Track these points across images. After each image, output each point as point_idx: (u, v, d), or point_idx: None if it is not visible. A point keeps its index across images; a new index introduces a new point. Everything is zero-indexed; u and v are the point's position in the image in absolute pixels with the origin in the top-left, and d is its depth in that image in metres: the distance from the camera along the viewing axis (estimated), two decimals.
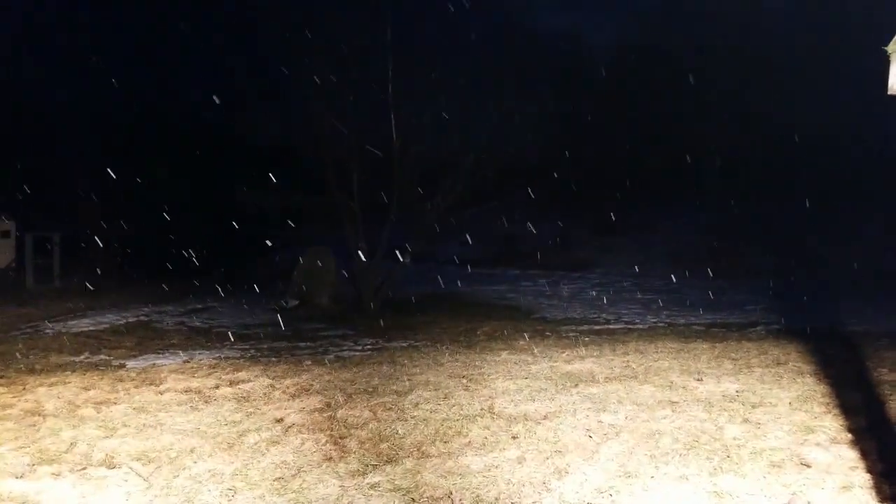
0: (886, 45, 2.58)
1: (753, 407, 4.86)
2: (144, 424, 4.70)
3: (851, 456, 3.87)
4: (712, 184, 22.03)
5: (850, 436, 4.20)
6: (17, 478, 3.80)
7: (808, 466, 3.74)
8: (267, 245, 17.02)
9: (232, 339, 8.53)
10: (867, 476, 3.58)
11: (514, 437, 4.36)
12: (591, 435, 4.36)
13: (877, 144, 18.44)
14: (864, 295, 11.74)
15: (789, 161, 19.65)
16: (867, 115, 15.51)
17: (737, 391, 5.31)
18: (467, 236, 18.61)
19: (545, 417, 4.74)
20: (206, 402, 5.28)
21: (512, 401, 5.17)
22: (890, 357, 6.52)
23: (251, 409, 5.05)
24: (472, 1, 11.95)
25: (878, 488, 3.42)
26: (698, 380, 5.72)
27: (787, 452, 3.95)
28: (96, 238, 16.11)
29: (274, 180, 12.77)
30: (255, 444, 4.30)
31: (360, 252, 11.84)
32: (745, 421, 4.55)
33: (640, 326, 9.58)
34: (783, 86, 19.54)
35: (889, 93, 2.60)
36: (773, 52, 19.91)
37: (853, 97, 14.57)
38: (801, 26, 19.78)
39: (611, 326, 9.69)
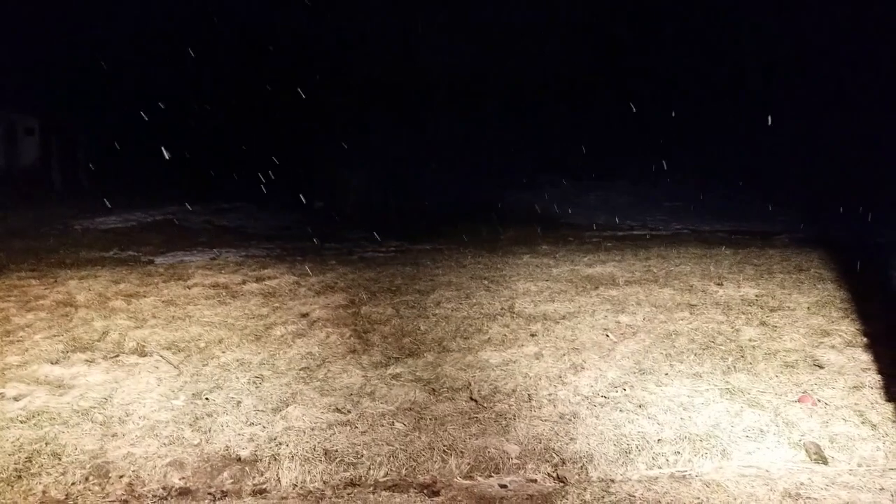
0: None
1: (772, 311, 4.90)
2: (174, 316, 4.89)
3: (864, 358, 3.92)
4: (750, 102, 21.24)
5: (865, 339, 4.24)
6: (52, 363, 4.01)
7: (821, 367, 3.81)
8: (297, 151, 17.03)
9: (258, 238, 8.70)
10: (878, 377, 3.65)
11: (532, 335, 4.47)
12: (609, 334, 4.46)
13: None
14: (888, 206, 11.52)
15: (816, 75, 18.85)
16: None
17: (756, 295, 5.34)
18: (489, 144, 18.34)
19: (564, 317, 4.84)
20: (233, 296, 5.45)
21: (532, 301, 5.26)
22: None
23: (277, 304, 5.21)
24: None
25: (887, 388, 3.50)
26: (718, 284, 5.74)
27: (801, 354, 4.02)
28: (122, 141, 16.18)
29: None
30: (282, 336, 4.48)
31: (385, 158, 11.82)
32: (763, 324, 4.60)
33: (664, 233, 9.56)
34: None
35: None
36: None
37: None
38: None
39: (635, 232, 9.68)
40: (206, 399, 3.51)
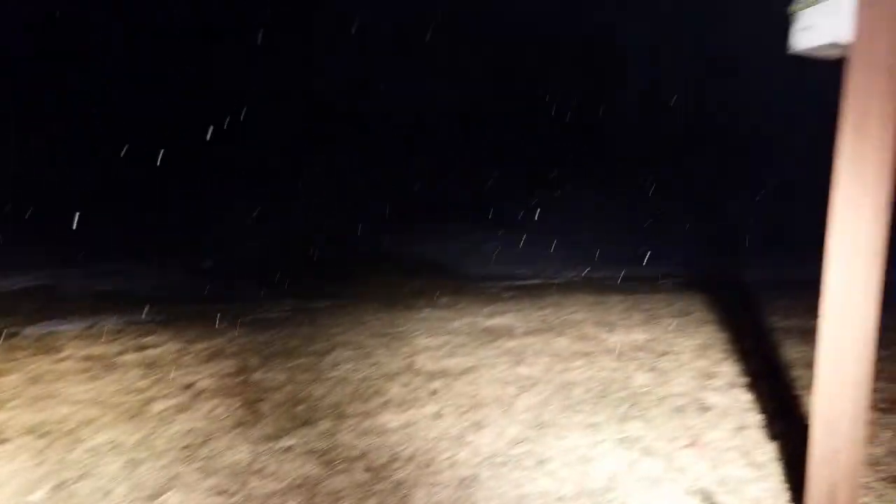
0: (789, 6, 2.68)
1: (660, 356, 5.07)
2: (38, 396, 4.46)
3: (746, 399, 4.09)
4: (631, 147, 22.55)
5: (745, 380, 4.44)
6: None
7: (708, 410, 3.94)
8: (187, 203, 16.34)
9: (140, 302, 8.20)
10: (760, 416, 3.80)
11: (432, 393, 4.39)
12: (509, 388, 4.45)
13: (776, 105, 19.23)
14: (761, 248, 12.40)
15: (697, 121, 20.34)
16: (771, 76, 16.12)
17: (645, 341, 5.52)
18: (390, 192, 18.43)
19: (464, 372, 4.80)
20: (108, 369, 5.06)
21: (432, 357, 5.20)
22: (782, 305, 6.90)
23: (159, 376, 4.88)
24: None
25: (769, 427, 3.65)
26: (610, 331, 5.91)
27: (689, 398, 4.15)
28: None
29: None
30: (162, 412, 4.17)
31: (284, 210, 11.56)
32: (652, 369, 4.74)
33: (558, 280, 9.80)
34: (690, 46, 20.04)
35: (789, 52, 2.71)
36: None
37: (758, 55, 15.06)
38: None
39: (531, 282, 9.86)
40: (71, 491, 3.18)
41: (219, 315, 7.32)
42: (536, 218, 18.31)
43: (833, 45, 2.51)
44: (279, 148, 11.08)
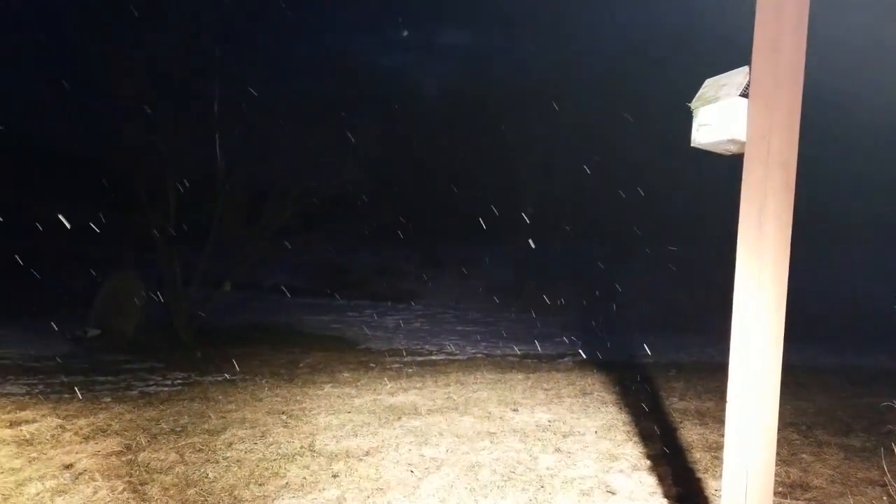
0: (690, 102, 2.88)
1: (564, 436, 5.11)
2: None
3: (650, 482, 4.17)
4: (526, 225, 23.42)
5: (648, 462, 4.54)
6: None
7: (614, 493, 3.97)
8: (63, 266, 15.34)
9: (17, 373, 7.53)
10: (664, 501, 3.87)
11: (334, 476, 4.21)
12: (413, 470, 4.34)
13: (679, 195, 20.61)
14: (655, 330, 12.97)
15: (595, 208, 21.46)
16: (674, 168, 17.35)
17: (549, 421, 5.57)
18: (291, 265, 18.13)
19: (367, 453, 4.65)
20: None
21: (334, 437, 5.02)
22: (678, 387, 7.20)
23: (35, 455, 4.43)
24: (308, 28, 11.79)
25: None
26: (514, 410, 5.93)
27: (594, 480, 4.18)
28: None
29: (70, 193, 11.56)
30: (38, 494, 3.77)
31: (173, 277, 11.04)
32: (557, 450, 4.76)
33: (461, 357, 9.81)
34: (592, 139, 21.36)
35: (691, 145, 2.89)
36: (587, 105, 21.71)
37: (661, 150, 16.20)
38: (615, 79, 21.76)
39: (433, 357, 9.82)
40: None
41: (102, 388, 6.82)
42: (436, 293, 18.48)
43: (730, 142, 2.71)
44: (168, 217, 10.73)
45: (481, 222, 18.43)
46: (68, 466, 4.24)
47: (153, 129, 10.48)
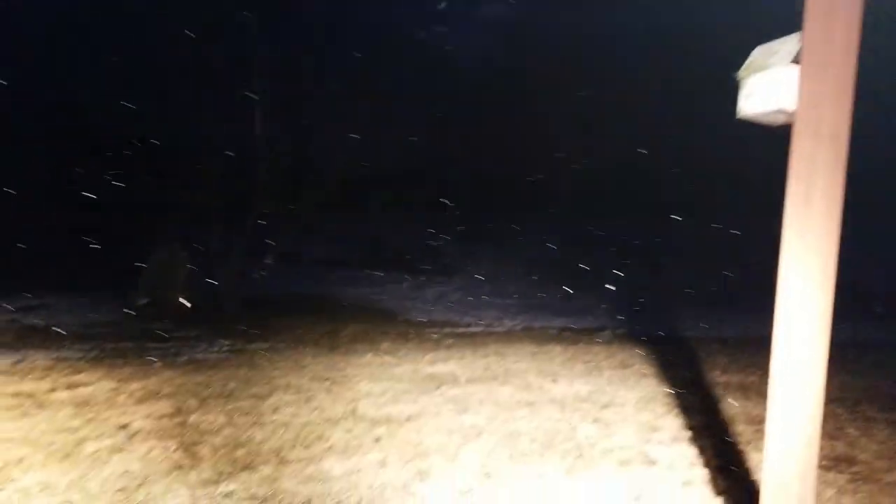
0: (737, 71, 2.81)
1: (603, 407, 5.14)
2: None
3: (691, 453, 4.18)
4: (568, 197, 23.17)
5: (688, 434, 4.54)
6: None
7: (653, 464, 3.99)
8: (116, 239, 15.76)
9: (72, 339, 7.84)
10: (705, 472, 3.88)
11: (376, 440, 4.32)
12: (453, 436, 4.42)
13: (722, 166, 20.11)
14: (698, 304, 12.80)
15: (640, 178, 21.07)
16: (720, 140, 16.91)
17: (588, 392, 5.59)
18: (332, 239, 18.32)
19: (408, 419, 4.74)
20: (39, 407, 4.79)
21: (375, 403, 5.13)
22: (721, 360, 7.14)
23: (91, 415, 4.64)
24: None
25: (714, 483, 3.72)
26: (553, 381, 5.96)
27: (634, 450, 4.20)
28: None
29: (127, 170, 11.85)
30: (95, 452, 3.96)
31: (218, 250, 11.29)
32: (596, 421, 4.79)
33: (499, 329, 9.86)
34: (639, 107, 20.90)
35: (738, 116, 2.82)
36: (634, 72, 21.22)
37: (705, 120, 15.79)
38: (662, 47, 21.20)
39: (472, 329, 9.89)
40: None
41: (153, 354, 7.06)
42: (475, 266, 18.50)
43: (779, 112, 2.61)
44: (217, 191, 10.95)
45: (521, 196, 18.31)
46: (123, 427, 4.43)
47: (197, 103, 10.66)
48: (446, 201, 19.68)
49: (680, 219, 18.33)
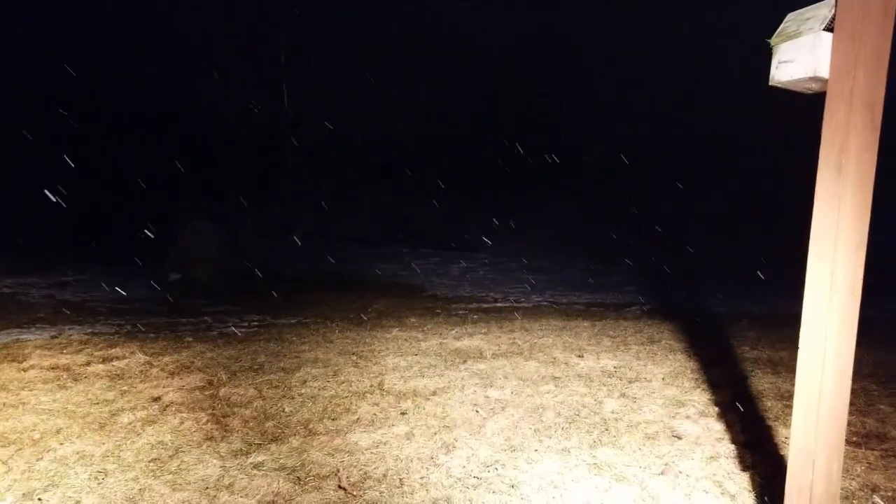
0: (770, 37, 2.74)
1: (630, 382, 5.12)
2: (4, 404, 4.33)
3: (717, 428, 4.15)
4: (594, 175, 22.94)
5: (716, 409, 4.51)
6: None
7: (680, 438, 3.98)
8: (146, 216, 16.05)
9: (106, 314, 8.02)
10: (732, 447, 3.86)
11: (403, 414, 4.37)
12: (479, 410, 4.45)
13: (756, 140, 19.74)
14: (727, 279, 12.64)
15: (666, 157, 20.79)
16: (750, 113, 16.58)
17: (614, 367, 5.58)
18: (359, 215, 18.43)
19: (434, 393, 4.78)
20: (75, 379, 4.93)
21: (402, 377, 5.17)
22: (750, 335, 7.06)
23: (125, 388, 4.77)
24: None
25: (741, 458, 3.70)
26: (579, 356, 5.95)
27: (660, 425, 4.19)
28: None
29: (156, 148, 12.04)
30: (130, 423, 4.07)
31: (247, 226, 11.43)
32: (622, 395, 4.78)
33: (526, 305, 9.85)
34: (669, 83, 20.54)
35: (770, 83, 2.75)
36: (662, 49, 20.82)
37: (737, 95, 15.47)
38: (691, 23, 20.76)
39: (498, 305, 9.89)
40: (39, 500, 3.08)
41: (184, 328, 7.20)
42: (501, 242, 18.46)
43: (812, 79, 2.54)
44: (241, 169, 11.05)
45: (548, 171, 18.18)
46: (156, 399, 4.54)
47: (225, 82, 10.74)
48: (469, 178, 19.62)
49: (711, 195, 18.05)
